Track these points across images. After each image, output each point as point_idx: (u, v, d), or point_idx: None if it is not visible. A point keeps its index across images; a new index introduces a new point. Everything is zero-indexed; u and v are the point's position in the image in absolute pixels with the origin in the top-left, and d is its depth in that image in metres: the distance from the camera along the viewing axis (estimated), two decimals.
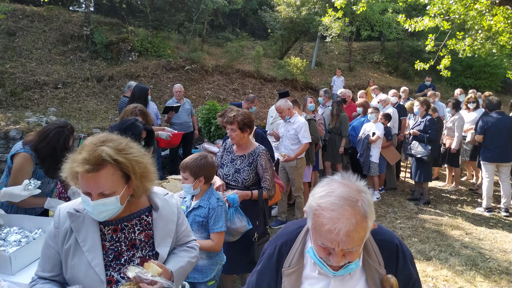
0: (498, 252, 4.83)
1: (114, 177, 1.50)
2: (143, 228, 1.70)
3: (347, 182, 1.26)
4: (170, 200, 1.81)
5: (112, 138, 1.56)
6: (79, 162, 1.44)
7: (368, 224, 1.20)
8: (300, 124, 5.36)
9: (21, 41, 11.52)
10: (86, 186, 1.49)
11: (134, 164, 1.53)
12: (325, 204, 1.20)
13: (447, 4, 8.35)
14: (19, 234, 2.44)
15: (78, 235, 1.58)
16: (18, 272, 2.16)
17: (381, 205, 6.45)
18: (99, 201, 1.49)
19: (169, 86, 11.57)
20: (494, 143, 5.97)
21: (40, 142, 2.82)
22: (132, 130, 3.38)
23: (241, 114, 3.33)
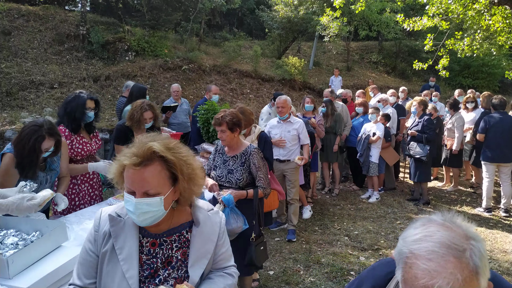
0: (499, 253, 4.81)
1: (161, 176, 1.41)
2: (181, 245, 1.56)
3: (450, 224, 0.99)
4: (214, 217, 1.65)
5: (161, 137, 1.49)
6: (127, 156, 1.38)
7: (481, 283, 0.93)
8: (301, 124, 5.16)
9: (17, 41, 11.42)
10: (131, 183, 1.39)
11: (182, 164, 1.45)
12: (420, 252, 0.95)
13: (445, 3, 8.33)
14: (16, 237, 2.38)
15: (116, 241, 1.49)
16: (16, 276, 2.10)
17: (381, 206, 6.42)
18: (143, 199, 1.39)
19: (166, 86, 11.52)
20: (495, 143, 5.94)
21: (16, 144, 2.72)
22: (77, 100, 3.43)
23: (229, 114, 3.27)
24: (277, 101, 5.13)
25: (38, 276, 2.10)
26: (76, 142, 3.48)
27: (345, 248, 4.80)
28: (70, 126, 3.41)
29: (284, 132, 5.13)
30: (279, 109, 5.06)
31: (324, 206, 6.38)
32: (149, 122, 3.92)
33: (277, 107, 5.07)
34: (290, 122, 5.15)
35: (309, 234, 5.24)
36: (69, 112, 3.40)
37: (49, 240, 2.34)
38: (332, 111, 6.70)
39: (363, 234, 5.27)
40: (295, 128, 5.12)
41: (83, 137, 3.56)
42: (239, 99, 13.06)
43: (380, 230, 5.43)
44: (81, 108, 3.42)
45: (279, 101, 5.07)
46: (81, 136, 3.54)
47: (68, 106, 3.41)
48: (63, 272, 2.22)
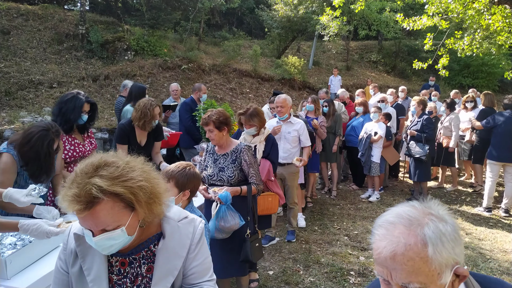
0: (499, 253, 4.80)
1: (114, 210, 1.24)
2: (147, 261, 1.43)
3: (421, 206, 1.05)
4: (185, 228, 1.47)
5: (107, 162, 1.27)
6: (69, 200, 1.19)
7: (430, 254, 0.95)
8: (302, 125, 4.89)
9: (16, 40, 11.40)
10: (84, 225, 1.26)
11: (136, 191, 1.26)
12: (378, 223, 1.04)
13: (445, 3, 8.32)
14: (14, 237, 2.38)
15: (83, 262, 1.39)
16: (14, 276, 2.10)
17: (381, 206, 6.41)
18: (102, 235, 1.25)
19: (165, 85, 11.50)
20: (503, 143, 5.89)
21: (23, 145, 2.70)
22: (74, 101, 3.39)
23: (215, 113, 3.25)
24: (276, 100, 4.85)
25: (36, 277, 2.09)
26: (67, 143, 3.45)
27: (344, 248, 4.79)
28: (63, 126, 3.35)
29: (284, 133, 4.86)
30: (278, 109, 4.77)
31: (323, 206, 6.37)
32: (158, 118, 3.99)
33: (276, 107, 4.81)
34: (290, 122, 4.88)
35: (309, 234, 5.23)
36: (64, 112, 3.37)
37: (47, 240, 2.32)
38: (333, 111, 6.67)
39: (363, 234, 5.26)
40: (295, 129, 4.85)
41: (75, 138, 3.53)
42: (238, 99, 13.05)
43: None
44: (77, 111, 3.39)
45: (278, 100, 4.77)
46: (72, 137, 3.50)
47: (64, 107, 3.38)
48: None
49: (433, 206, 1.05)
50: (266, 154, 3.99)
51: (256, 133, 3.97)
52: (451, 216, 1.04)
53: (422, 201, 1.07)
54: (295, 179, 4.93)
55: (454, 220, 1.03)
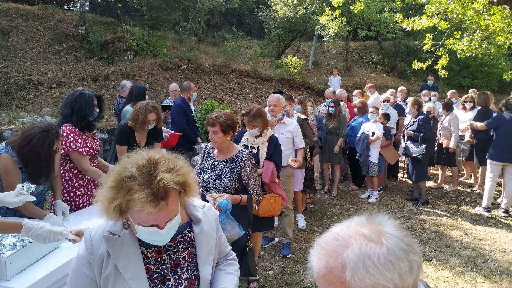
0: (498, 253, 4.81)
1: (177, 199, 1.39)
2: (186, 245, 1.56)
3: (361, 222, 0.96)
4: (209, 213, 1.67)
5: (157, 160, 1.37)
6: (146, 202, 1.26)
7: (348, 279, 0.88)
8: (296, 126, 4.66)
9: (15, 40, 11.40)
10: (155, 220, 1.33)
11: (187, 178, 1.41)
12: (317, 241, 0.99)
13: (445, 3, 8.33)
14: (14, 238, 2.37)
15: (117, 261, 1.41)
16: (14, 277, 2.10)
17: (380, 206, 6.42)
18: (168, 226, 1.36)
19: (165, 85, 11.50)
20: (505, 143, 5.89)
21: (23, 147, 2.69)
22: (84, 97, 3.40)
23: (224, 115, 3.07)
24: (269, 99, 4.63)
25: (36, 278, 2.09)
26: (86, 141, 3.46)
27: None
28: (79, 124, 3.38)
29: (278, 134, 4.51)
30: (271, 108, 4.53)
31: (323, 206, 6.37)
32: (152, 124, 3.95)
33: (269, 106, 4.57)
34: (283, 123, 4.66)
35: (309, 234, 5.23)
36: (78, 110, 3.37)
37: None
38: (339, 111, 6.62)
39: None
40: (289, 130, 4.63)
41: (88, 137, 3.54)
42: (238, 99, 13.05)
43: None
44: (90, 106, 3.41)
45: (271, 99, 4.57)
46: (87, 135, 3.52)
47: (75, 105, 3.38)
48: (61, 273, 2.21)
49: (381, 221, 0.96)
50: (269, 156, 3.89)
51: (259, 134, 3.88)
52: (400, 234, 0.92)
53: (371, 216, 0.97)
54: (289, 182, 4.69)
55: (397, 241, 0.90)
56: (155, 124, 4.00)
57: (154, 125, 4.01)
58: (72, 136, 3.29)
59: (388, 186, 7.51)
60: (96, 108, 3.49)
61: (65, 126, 3.34)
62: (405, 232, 0.94)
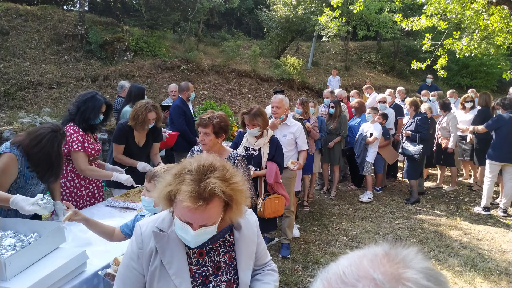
0: (497, 252, 4.82)
1: (219, 208, 1.42)
2: (226, 249, 1.61)
3: (391, 258, 0.67)
4: (251, 218, 1.70)
5: (215, 166, 1.44)
6: (189, 196, 1.33)
7: None
8: (299, 127, 4.62)
9: (15, 41, 11.39)
10: (190, 217, 1.39)
11: (237, 194, 1.44)
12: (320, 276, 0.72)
13: (444, 3, 8.35)
14: (13, 238, 2.38)
15: (163, 257, 1.49)
16: (13, 278, 2.10)
17: (379, 206, 6.43)
18: (200, 230, 1.40)
19: (164, 86, 11.50)
20: (505, 143, 5.89)
21: (33, 147, 2.73)
22: (93, 102, 3.43)
23: (218, 116, 3.00)
24: (272, 100, 4.61)
25: (36, 278, 2.09)
26: (88, 142, 3.48)
27: (343, 248, 4.80)
28: (81, 125, 3.43)
29: (279, 135, 4.51)
30: (273, 109, 4.53)
31: (322, 206, 6.38)
32: (152, 123, 3.96)
33: (272, 107, 4.56)
34: (286, 124, 4.63)
35: (308, 234, 5.24)
36: (83, 111, 3.41)
37: (46, 241, 2.33)
38: (340, 112, 6.60)
39: (362, 234, 5.27)
40: (291, 131, 4.58)
41: (90, 138, 3.57)
42: (237, 99, 13.05)
43: (379, 230, 5.43)
44: (96, 111, 3.44)
45: (274, 100, 4.54)
46: (90, 135, 3.55)
47: (82, 106, 3.42)
48: (61, 273, 2.21)
49: (404, 260, 0.67)
50: (271, 157, 3.87)
51: (259, 134, 3.84)
52: (427, 283, 0.63)
53: (393, 248, 0.71)
54: (291, 184, 4.63)
55: None
56: (154, 124, 4.00)
57: (154, 125, 4.02)
58: (75, 136, 3.32)
59: (387, 186, 7.52)
60: (101, 115, 3.51)
61: (69, 126, 3.37)
62: (436, 276, 0.66)
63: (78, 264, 2.29)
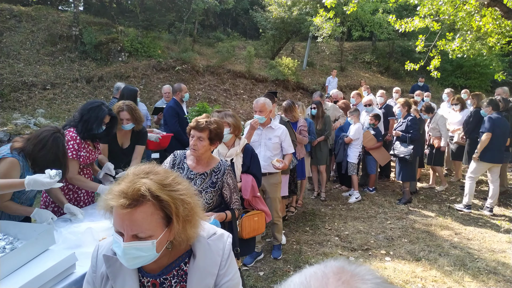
0: (487, 252, 4.87)
1: (152, 218, 1.25)
2: (179, 279, 1.42)
3: (338, 277, 0.67)
4: (215, 245, 1.46)
5: (158, 171, 1.31)
6: (115, 194, 1.22)
7: None
8: (283, 131, 4.39)
9: (9, 41, 11.38)
10: (119, 224, 1.24)
11: (178, 204, 1.27)
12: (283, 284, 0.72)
13: (436, 5, 8.42)
14: (3, 241, 2.40)
15: (115, 283, 1.37)
16: (3, 279, 2.12)
17: (372, 206, 6.48)
18: (132, 243, 1.24)
19: (159, 86, 11.52)
20: (495, 145, 5.94)
21: (39, 151, 2.78)
22: (97, 112, 3.39)
23: (216, 122, 2.78)
24: (254, 104, 4.35)
25: (25, 280, 2.12)
26: (84, 150, 3.46)
27: (335, 249, 4.84)
28: (82, 133, 3.39)
29: (264, 139, 4.37)
30: (256, 114, 4.28)
31: (315, 206, 6.42)
32: (126, 124, 3.85)
33: (254, 112, 4.30)
34: (271, 128, 4.40)
35: (300, 234, 5.27)
36: (85, 120, 3.38)
37: (36, 243, 2.35)
38: (322, 113, 6.56)
39: (354, 234, 5.31)
40: (276, 135, 4.36)
41: (89, 145, 3.54)
42: (232, 100, 13.09)
43: (371, 230, 5.48)
44: (99, 122, 3.41)
45: (256, 105, 4.27)
46: (88, 143, 3.52)
47: (86, 114, 3.39)
48: (50, 275, 2.23)
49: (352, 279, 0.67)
50: (246, 168, 3.47)
51: (231, 141, 3.53)
52: None
53: (346, 265, 0.71)
54: (277, 190, 4.45)
55: None
56: (132, 125, 3.90)
57: (132, 127, 3.92)
58: (71, 144, 3.31)
59: (377, 188, 7.53)
60: (103, 126, 3.47)
61: (69, 130, 3.35)
62: None
63: (67, 266, 2.31)
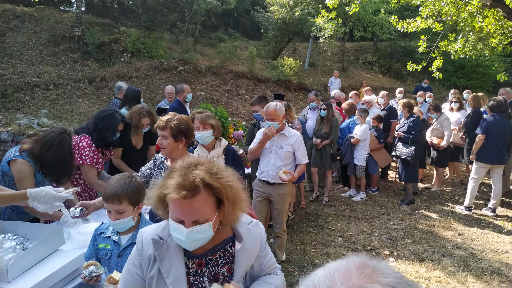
0: (490, 253, 4.89)
1: (208, 203, 1.42)
2: (226, 261, 1.59)
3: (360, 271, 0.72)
4: (254, 230, 1.66)
5: (202, 162, 1.47)
6: (173, 188, 1.36)
7: None
8: (297, 138, 4.06)
9: (12, 42, 11.41)
10: (180, 213, 1.40)
11: (227, 189, 1.44)
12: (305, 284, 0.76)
13: (438, 5, 8.44)
14: (13, 241, 2.42)
15: (162, 265, 1.50)
16: (14, 279, 2.15)
17: (375, 206, 6.49)
18: (193, 228, 1.40)
19: (161, 87, 11.54)
20: (493, 146, 5.96)
21: (45, 152, 2.81)
22: (110, 120, 3.44)
23: (178, 119, 2.81)
24: (265, 110, 4.02)
25: (36, 280, 2.14)
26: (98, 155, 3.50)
27: (339, 249, 4.86)
28: (97, 142, 3.42)
29: (276, 147, 4.06)
30: (268, 121, 3.97)
31: (318, 207, 6.44)
32: (146, 128, 4.02)
33: (266, 120, 4.01)
34: (283, 135, 4.07)
35: (304, 235, 5.29)
36: (100, 129, 3.41)
37: (46, 244, 2.38)
38: (332, 115, 6.35)
39: (357, 234, 5.33)
40: (289, 143, 4.03)
41: (99, 152, 3.57)
42: (234, 100, 13.11)
43: (374, 230, 5.49)
44: (113, 130, 3.45)
45: (267, 112, 3.94)
46: (98, 150, 3.54)
47: (100, 123, 3.42)
48: (60, 275, 2.26)
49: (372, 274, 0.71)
50: None
51: (212, 144, 3.44)
52: None
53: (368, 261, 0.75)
54: (286, 202, 4.20)
55: None
56: (149, 128, 4.07)
57: (149, 129, 4.09)
58: (87, 150, 3.35)
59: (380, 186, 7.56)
60: (117, 134, 3.50)
61: (84, 136, 3.38)
62: None
63: (77, 266, 2.33)
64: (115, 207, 2.11)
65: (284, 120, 4.09)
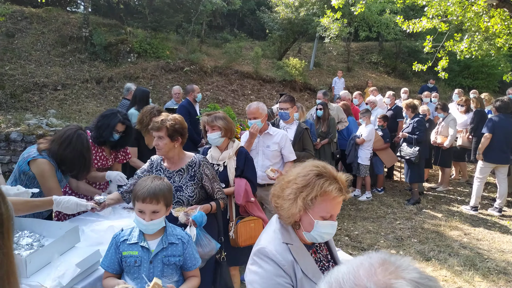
0: (496, 252, 4.91)
1: None
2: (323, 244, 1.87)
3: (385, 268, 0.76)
4: None
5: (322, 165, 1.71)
6: (339, 190, 1.58)
7: None
8: (283, 136, 4.03)
9: (20, 43, 11.54)
10: (335, 209, 1.63)
11: None
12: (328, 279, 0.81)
13: (444, 5, 8.44)
14: (30, 238, 2.49)
15: (302, 265, 1.66)
16: (33, 275, 2.21)
17: (381, 206, 6.52)
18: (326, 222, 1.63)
19: (168, 87, 11.63)
20: (497, 145, 5.98)
21: (65, 149, 2.89)
22: (109, 119, 3.51)
23: (172, 119, 2.81)
24: (247, 110, 4.02)
25: (54, 276, 2.20)
26: (98, 154, 3.59)
27: (345, 248, 4.90)
28: (97, 139, 3.52)
29: (262, 147, 4.03)
30: (251, 120, 3.94)
31: None
32: None
33: (248, 119, 4.00)
34: (268, 134, 4.04)
35: None
36: (99, 127, 3.51)
37: (63, 241, 2.45)
38: (328, 115, 6.34)
39: (363, 234, 5.37)
40: (275, 142, 4.00)
41: (103, 151, 3.64)
42: (240, 100, 13.17)
43: (380, 230, 5.53)
44: (110, 129, 3.52)
45: (249, 110, 3.94)
46: (102, 148, 3.62)
47: (100, 121, 3.52)
48: (76, 271, 2.32)
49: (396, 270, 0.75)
50: (239, 172, 3.33)
51: (224, 144, 3.39)
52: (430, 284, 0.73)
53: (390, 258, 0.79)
54: None
55: None
56: None
57: None
58: None
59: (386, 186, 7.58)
60: (116, 134, 3.55)
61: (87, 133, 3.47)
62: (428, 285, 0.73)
63: (92, 262, 2.39)
64: (152, 207, 2.08)
65: (266, 119, 4.02)
